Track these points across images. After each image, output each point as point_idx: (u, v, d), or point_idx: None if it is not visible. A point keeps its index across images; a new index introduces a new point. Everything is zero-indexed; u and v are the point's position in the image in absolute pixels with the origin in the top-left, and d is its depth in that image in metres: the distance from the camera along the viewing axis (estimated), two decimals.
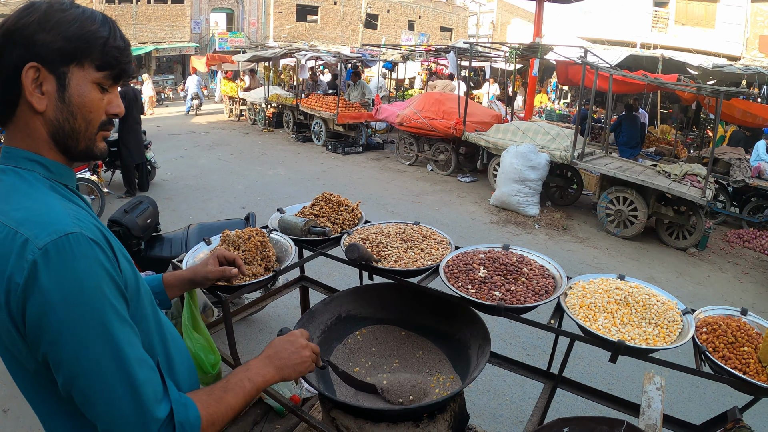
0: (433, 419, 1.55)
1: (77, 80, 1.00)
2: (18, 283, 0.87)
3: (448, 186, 9.92)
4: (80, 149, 1.06)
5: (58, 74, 0.98)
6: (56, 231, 0.90)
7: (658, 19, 23.65)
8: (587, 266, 6.36)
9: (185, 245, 3.86)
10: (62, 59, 0.98)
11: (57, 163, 1.05)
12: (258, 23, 31.36)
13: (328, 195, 2.49)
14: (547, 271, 1.92)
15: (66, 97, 1.00)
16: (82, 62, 1.00)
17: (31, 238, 0.88)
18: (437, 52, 14.81)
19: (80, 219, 0.96)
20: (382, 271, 1.98)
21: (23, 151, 1.02)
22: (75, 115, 1.02)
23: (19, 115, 1.00)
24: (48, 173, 1.03)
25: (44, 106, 0.99)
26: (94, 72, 1.02)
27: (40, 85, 0.97)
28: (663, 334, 1.60)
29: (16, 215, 0.92)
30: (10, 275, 0.88)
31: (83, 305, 0.89)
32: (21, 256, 0.87)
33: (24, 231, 0.89)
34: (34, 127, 1.01)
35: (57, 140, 1.03)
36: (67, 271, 0.88)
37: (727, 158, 8.59)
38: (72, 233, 0.90)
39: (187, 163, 10.74)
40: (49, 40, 0.96)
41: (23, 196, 0.97)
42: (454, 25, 41.41)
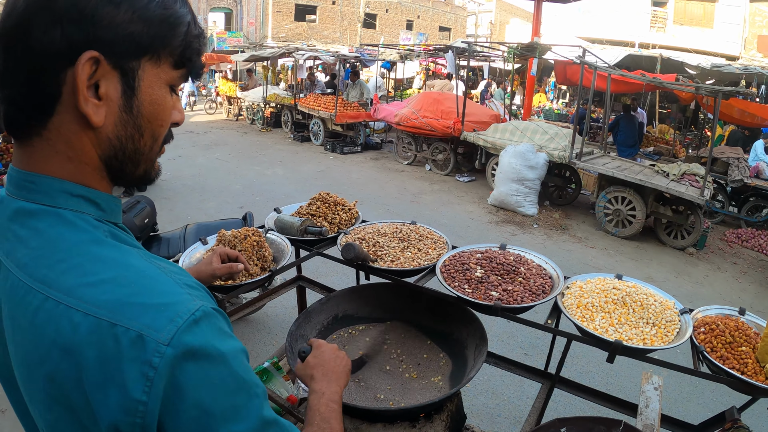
0: (430, 419, 1.55)
1: (150, 81, 0.71)
2: (141, 401, 0.59)
3: (447, 185, 9.91)
4: (138, 175, 0.78)
5: (126, 71, 0.68)
6: (179, 313, 0.62)
7: (657, 18, 23.68)
8: (585, 266, 6.35)
9: (182, 245, 3.85)
10: (136, 50, 0.68)
11: (108, 197, 0.75)
12: (256, 23, 31.34)
13: (324, 194, 2.48)
14: (545, 271, 1.91)
15: (134, 105, 0.70)
16: (160, 56, 0.71)
17: (145, 331, 0.59)
18: (436, 52, 14.81)
19: (188, 283, 0.70)
20: (378, 270, 1.98)
21: (62, 182, 0.69)
22: (143, 131, 0.73)
23: (54, 128, 0.68)
24: (100, 213, 0.72)
25: (103, 118, 0.68)
26: (170, 70, 0.74)
27: (95, 86, 0.66)
28: (661, 334, 1.60)
29: (96, 296, 0.62)
30: (122, 391, 0.59)
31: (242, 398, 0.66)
32: (138, 361, 0.59)
33: (127, 322, 0.60)
34: (81, 146, 0.69)
35: (111, 165, 0.73)
36: (215, 365, 0.64)
37: (725, 158, 8.60)
38: (197, 311, 0.64)
39: (185, 162, 10.72)
40: (119, 19, 0.65)
41: (90, 259, 0.65)
42: (452, 25, 41.41)
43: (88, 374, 0.59)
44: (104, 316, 0.60)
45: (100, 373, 0.59)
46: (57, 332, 0.61)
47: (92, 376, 0.59)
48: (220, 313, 0.69)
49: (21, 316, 0.65)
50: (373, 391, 1.70)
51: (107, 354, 0.59)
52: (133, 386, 0.58)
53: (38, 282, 0.64)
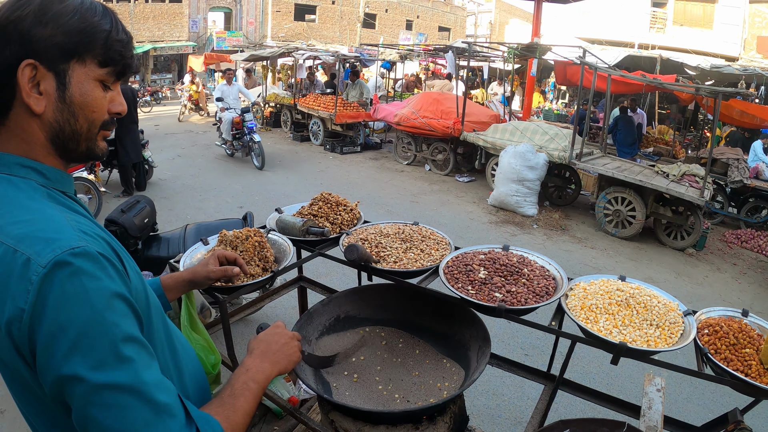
0: (433, 421, 1.54)
1: (78, 78, 0.93)
2: (21, 309, 0.78)
3: (446, 186, 9.90)
4: (81, 151, 0.99)
5: (58, 72, 0.90)
6: (60, 247, 0.80)
7: (657, 19, 23.69)
8: (585, 266, 6.35)
9: (182, 245, 3.84)
10: (62, 55, 0.90)
11: (54, 169, 0.97)
12: (256, 22, 31.32)
13: (326, 195, 2.47)
14: (548, 272, 1.91)
15: (67, 96, 0.92)
16: (84, 58, 0.92)
17: (32, 256, 0.79)
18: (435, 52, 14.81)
19: (85, 231, 0.88)
20: (381, 271, 1.97)
21: (16, 156, 0.93)
22: (77, 116, 0.94)
23: (12, 118, 0.92)
24: (44, 180, 0.95)
25: (43, 107, 0.91)
26: (96, 68, 0.94)
27: (37, 85, 0.89)
28: (665, 336, 1.59)
29: (13, 230, 0.83)
30: (12, 299, 0.78)
31: (95, 327, 0.79)
32: (23, 277, 0.78)
33: (24, 249, 0.80)
34: (30, 130, 0.93)
35: (56, 143, 0.95)
36: (75, 291, 0.79)
37: (725, 159, 8.60)
38: (78, 248, 0.81)
39: (185, 162, 10.71)
40: (47, 34, 0.88)
41: (19, 207, 0.87)
42: (452, 25, 41.42)
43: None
44: (12, 244, 0.81)
45: (2, 285, 0.80)
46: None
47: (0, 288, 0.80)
48: (104, 257, 0.85)
49: None
50: (376, 393, 1.70)
51: (9, 270, 0.80)
52: (19, 297, 0.78)
53: None
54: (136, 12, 26.61)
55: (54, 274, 0.78)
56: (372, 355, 1.91)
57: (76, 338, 0.78)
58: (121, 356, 0.81)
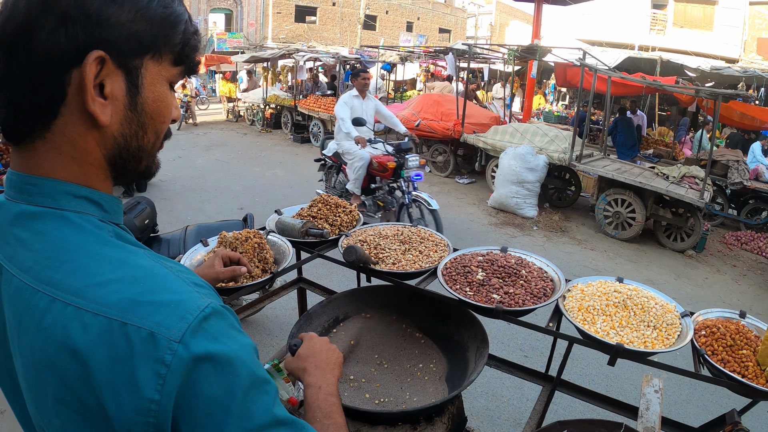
0: (431, 422, 1.55)
1: (152, 78, 0.72)
2: (154, 399, 0.58)
3: (447, 187, 9.91)
4: (140, 170, 0.78)
5: (130, 70, 0.69)
6: (189, 310, 0.62)
7: (657, 21, 23.72)
8: (585, 268, 6.36)
9: (183, 246, 3.85)
10: (139, 48, 0.69)
11: (110, 197, 0.74)
12: (256, 24, 31.36)
13: (326, 196, 2.49)
14: (546, 274, 1.92)
15: (139, 102, 0.71)
16: (162, 53, 0.72)
17: (156, 329, 0.59)
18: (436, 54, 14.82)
19: (197, 283, 0.70)
20: (380, 273, 1.98)
21: (65, 183, 0.69)
22: (146, 128, 0.73)
23: (59, 130, 0.67)
24: (103, 213, 0.72)
25: (109, 117, 0.68)
26: (170, 67, 0.74)
27: (100, 86, 0.66)
28: (662, 337, 1.60)
29: (106, 297, 0.61)
30: (133, 389, 0.58)
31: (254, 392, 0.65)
32: (150, 359, 0.58)
33: (137, 321, 0.59)
34: (86, 147, 0.69)
35: (115, 163, 0.73)
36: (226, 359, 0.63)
37: (725, 160, 8.61)
38: (207, 307, 0.64)
39: (185, 163, 10.72)
40: (123, 18, 0.66)
41: (98, 259, 0.65)
42: (452, 27, 41.46)
43: (100, 375, 0.58)
44: (115, 315, 0.59)
45: (111, 373, 0.58)
46: (66, 334, 0.60)
47: (104, 376, 0.58)
48: (228, 310, 0.68)
49: (27, 319, 0.64)
50: (374, 394, 1.71)
51: (119, 353, 0.58)
52: (146, 385, 0.58)
53: (44, 284, 0.63)
54: None
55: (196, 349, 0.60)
56: (370, 355, 1.92)
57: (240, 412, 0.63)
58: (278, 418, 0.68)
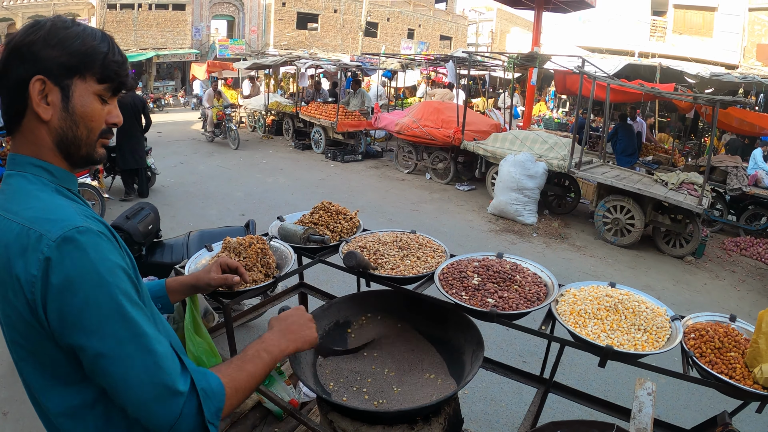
0: (428, 422, 1.59)
1: (80, 92, 1.07)
2: (35, 275, 0.93)
3: (447, 194, 9.97)
4: (81, 155, 1.13)
5: (63, 86, 1.05)
6: (67, 225, 0.96)
7: (657, 28, 23.81)
8: (584, 274, 6.40)
9: (186, 252, 3.90)
10: (66, 73, 1.05)
11: (60, 169, 1.12)
12: (258, 30, 31.52)
13: (327, 204, 2.54)
14: (540, 279, 1.96)
15: (70, 107, 1.07)
16: (85, 75, 1.07)
17: (44, 233, 0.95)
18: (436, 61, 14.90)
19: (87, 216, 1.05)
20: (379, 278, 2.03)
21: (29, 157, 1.09)
22: (78, 124, 1.09)
23: (25, 125, 1.07)
24: (52, 178, 1.10)
25: (50, 116, 1.06)
26: (95, 84, 1.09)
27: (45, 97, 1.04)
28: (652, 340, 1.64)
29: (27, 214, 0.99)
30: (27, 268, 0.94)
31: (100, 289, 0.95)
32: (36, 250, 0.94)
33: (36, 227, 0.96)
34: (40, 135, 1.08)
35: (61, 147, 1.10)
36: (81, 259, 0.95)
37: (724, 166, 8.64)
38: (82, 226, 0.97)
39: (187, 169, 10.79)
40: (54, 55, 1.04)
41: (31, 197, 1.04)
42: (453, 34, 41.60)
43: (13, 258, 0.96)
44: (26, 224, 0.97)
45: (18, 257, 0.95)
46: (3, 235, 0.99)
47: (15, 258, 0.95)
48: (104, 235, 1.01)
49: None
50: (373, 395, 1.75)
51: (23, 245, 0.95)
52: (32, 265, 0.94)
53: (4, 211, 1.02)
54: (139, 19, 26.82)
55: (62, 247, 0.94)
56: (369, 358, 1.96)
57: (85, 300, 0.94)
58: (124, 314, 0.97)
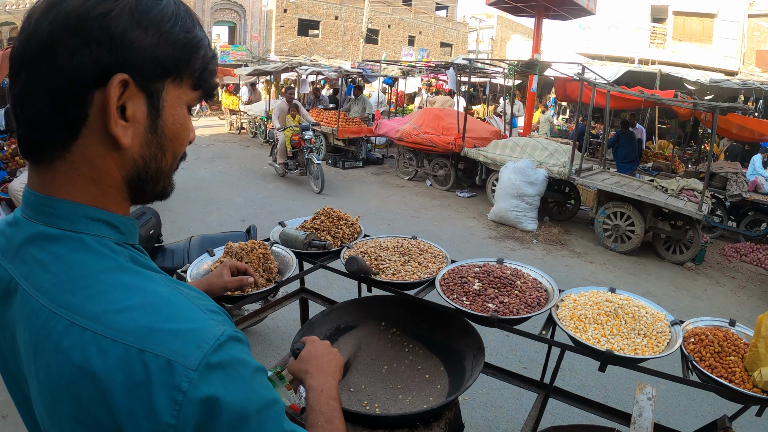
0: (429, 427, 1.60)
1: (172, 101, 0.73)
2: (170, 424, 0.60)
3: (447, 201, 9.98)
4: (156, 192, 0.80)
5: (152, 93, 0.70)
6: (205, 339, 0.63)
7: (656, 34, 23.89)
8: (584, 281, 6.40)
9: (187, 256, 3.91)
10: (161, 72, 0.70)
11: (126, 219, 0.76)
12: (260, 37, 31.65)
13: (328, 209, 2.55)
14: (540, 284, 1.98)
15: (159, 125, 0.72)
16: (182, 78, 0.74)
17: (173, 357, 0.60)
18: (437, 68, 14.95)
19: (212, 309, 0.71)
20: (380, 283, 2.04)
21: (83, 206, 0.70)
22: (165, 150, 0.75)
23: (79, 151, 0.68)
24: (119, 236, 0.73)
25: (131, 139, 0.69)
26: (189, 91, 0.76)
27: (121, 108, 0.67)
28: (651, 345, 1.66)
29: (124, 323, 0.62)
30: (150, 414, 0.60)
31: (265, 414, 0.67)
32: (167, 386, 0.60)
33: (156, 349, 0.61)
34: (106, 169, 0.70)
35: (133, 185, 0.74)
36: (240, 390, 0.64)
37: (723, 173, 8.66)
38: (222, 336, 0.65)
39: (188, 175, 10.81)
40: (147, 42, 0.67)
41: (115, 286, 0.66)
42: (454, 41, 41.77)
43: (118, 399, 0.60)
44: (132, 342, 0.61)
45: (129, 398, 0.60)
46: (84, 358, 0.61)
47: (121, 401, 0.60)
48: (241, 336, 0.70)
49: (44, 340, 0.65)
50: (373, 399, 1.76)
51: (136, 379, 0.60)
52: (163, 410, 0.59)
53: (62, 308, 0.65)
54: None
55: (208, 377, 0.61)
56: (370, 362, 1.97)
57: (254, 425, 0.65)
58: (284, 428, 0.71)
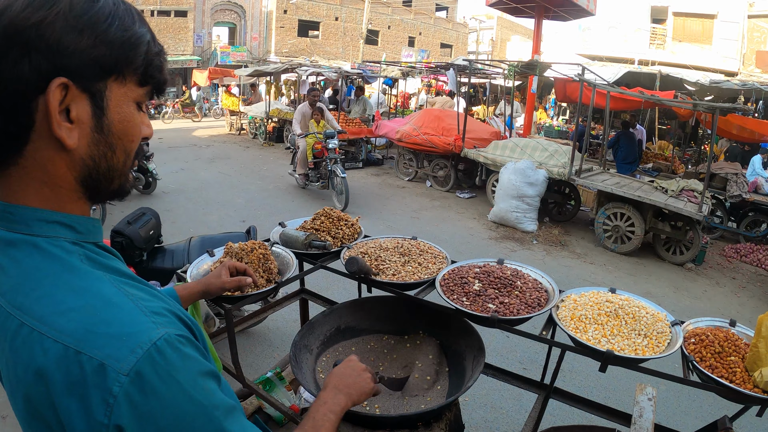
0: (429, 427, 1.60)
1: (117, 100, 0.74)
2: (103, 423, 0.62)
3: (447, 202, 9.97)
4: (112, 189, 0.81)
5: (94, 93, 0.71)
6: (140, 345, 0.64)
7: (656, 35, 23.91)
8: (584, 281, 6.40)
9: (187, 257, 3.91)
10: (101, 73, 0.71)
11: (84, 219, 0.77)
12: (260, 38, 31.68)
13: (328, 210, 2.55)
14: (540, 285, 1.98)
15: (105, 124, 0.73)
16: (124, 75, 0.74)
17: (107, 361, 0.63)
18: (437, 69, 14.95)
19: (155, 311, 0.71)
20: (380, 283, 2.04)
21: (38, 210, 0.72)
22: (114, 148, 0.76)
23: (30, 156, 0.70)
24: (75, 235, 0.75)
25: (77, 140, 0.70)
26: (135, 87, 0.77)
27: (66, 111, 0.69)
28: (652, 345, 1.65)
29: (65, 325, 0.65)
30: (85, 412, 0.63)
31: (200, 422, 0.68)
32: (100, 388, 0.62)
33: (91, 351, 0.63)
34: (56, 171, 0.72)
35: (87, 184, 0.76)
36: (173, 396, 0.65)
37: (723, 173, 8.65)
38: (159, 340, 0.66)
39: (188, 176, 10.81)
40: (83, 45, 0.68)
41: (61, 287, 0.68)
42: (454, 42, 41.79)
43: (57, 396, 0.63)
44: (71, 343, 0.63)
45: (68, 396, 0.63)
46: (30, 356, 0.65)
47: (61, 398, 0.63)
48: (185, 338, 0.70)
49: (2, 338, 0.70)
50: (374, 400, 1.76)
51: (73, 379, 0.63)
52: (96, 410, 0.62)
53: (16, 309, 0.68)
54: None
55: (139, 382, 0.63)
56: (370, 363, 1.97)
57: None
58: None
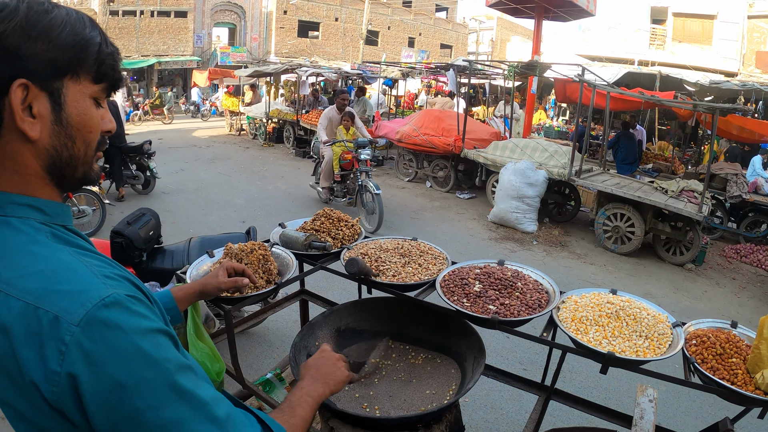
0: (429, 429, 1.59)
1: (74, 96, 0.85)
2: (55, 371, 0.71)
3: (447, 202, 9.97)
4: (77, 177, 0.91)
5: (52, 91, 0.82)
6: (90, 300, 0.74)
7: (656, 36, 23.90)
8: (585, 282, 6.39)
9: (186, 258, 3.90)
10: (56, 73, 0.82)
11: (52, 203, 0.89)
12: (260, 38, 31.69)
13: (328, 211, 2.55)
14: (541, 286, 1.97)
15: (63, 117, 0.84)
16: (78, 74, 0.85)
17: (60, 314, 0.72)
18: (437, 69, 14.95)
19: (107, 275, 0.81)
20: (380, 284, 2.04)
21: (9, 194, 0.84)
22: (74, 139, 0.86)
23: (1, 148, 0.82)
24: (44, 217, 0.86)
25: (38, 133, 0.82)
26: (90, 85, 0.87)
27: (29, 107, 0.80)
28: (653, 347, 1.65)
29: (27, 284, 0.75)
30: (44, 363, 0.71)
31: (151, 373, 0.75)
32: (53, 338, 0.71)
33: (48, 306, 0.73)
34: (23, 160, 0.83)
35: (52, 172, 0.87)
36: (119, 345, 0.73)
37: (723, 174, 8.64)
38: (108, 297, 0.75)
39: (188, 176, 10.81)
40: (38, 50, 0.80)
41: (26, 255, 0.79)
42: (453, 42, 41.79)
43: (18, 348, 0.73)
44: (31, 300, 0.74)
45: (27, 347, 0.72)
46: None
47: (21, 349, 0.72)
48: (135, 298, 0.80)
49: None
50: (374, 402, 1.75)
51: (32, 331, 0.72)
52: (51, 359, 0.71)
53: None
54: (141, 26, 27.00)
55: (89, 331, 0.72)
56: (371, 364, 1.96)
57: (135, 389, 0.73)
58: (180, 390, 0.78)
